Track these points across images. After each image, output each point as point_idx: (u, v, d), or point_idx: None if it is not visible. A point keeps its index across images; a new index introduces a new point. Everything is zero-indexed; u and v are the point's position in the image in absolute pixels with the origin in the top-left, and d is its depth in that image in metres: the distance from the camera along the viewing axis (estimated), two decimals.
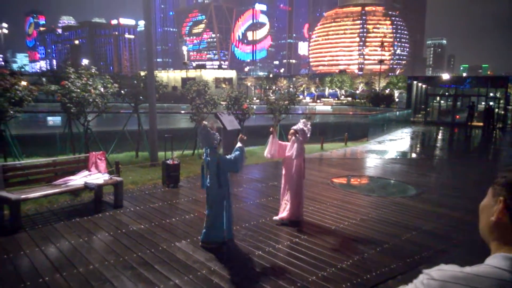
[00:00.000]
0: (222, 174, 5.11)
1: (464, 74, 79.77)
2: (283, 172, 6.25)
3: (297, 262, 4.73)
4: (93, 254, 4.78)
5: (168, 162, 8.29)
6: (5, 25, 44.82)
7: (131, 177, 8.82)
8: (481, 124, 28.31)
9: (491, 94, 30.70)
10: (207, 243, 5.11)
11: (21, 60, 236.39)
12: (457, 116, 30.77)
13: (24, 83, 7.83)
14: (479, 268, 1.05)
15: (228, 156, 5.21)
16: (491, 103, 28.80)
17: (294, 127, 6.18)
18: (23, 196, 5.66)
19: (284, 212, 6.19)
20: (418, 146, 18.36)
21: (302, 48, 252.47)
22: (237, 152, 5.21)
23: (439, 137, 22.62)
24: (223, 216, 5.21)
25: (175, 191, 8.06)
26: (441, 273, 1.06)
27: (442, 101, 34.12)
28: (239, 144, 5.31)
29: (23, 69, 9.19)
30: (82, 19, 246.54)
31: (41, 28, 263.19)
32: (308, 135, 6.19)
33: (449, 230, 6.15)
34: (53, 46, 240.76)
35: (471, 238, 5.85)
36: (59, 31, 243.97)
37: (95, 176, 6.89)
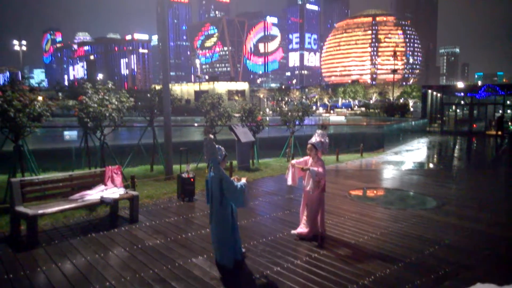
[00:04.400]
0: (224, 192, 4.76)
1: (479, 83, 78.67)
2: (304, 185, 6.10)
3: (317, 278, 4.58)
4: (109, 271, 4.72)
5: (183, 175, 8.25)
6: (24, 42, 46.25)
7: (146, 191, 8.80)
8: (499, 133, 27.67)
9: (508, 102, 30.13)
10: (221, 265, 4.88)
11: (37, 75, 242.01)
12: (474, 125, 30.22)
13: (40, 98, 7.89)
14: None
15: (232, 179, 4.88)
16: None
17: (311, 141, 5.98)
18: (40, 211, 5.65)
19: (303, 227, 6.05)
20: (436, 156, 18.00)
21: (311, 59, 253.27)
22: (241, 183, 4.86)
23: (457, 146, 22.18)
24: (230, 237, 4.87)
25: (190, 205, 8.00)
26: None
27: (458, 110, 33.60)
28: (243, 181, 4.92)
29: (41, 85, 9.28)
30: (97, 35, 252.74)
31: (58, 45, 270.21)
32: (327, 147, 6.07)
33: (473, 243, 5.92)
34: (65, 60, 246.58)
35: (497, 252, 5.63)
36: (75, 47, 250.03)
37: (111, 190, 6.87)
